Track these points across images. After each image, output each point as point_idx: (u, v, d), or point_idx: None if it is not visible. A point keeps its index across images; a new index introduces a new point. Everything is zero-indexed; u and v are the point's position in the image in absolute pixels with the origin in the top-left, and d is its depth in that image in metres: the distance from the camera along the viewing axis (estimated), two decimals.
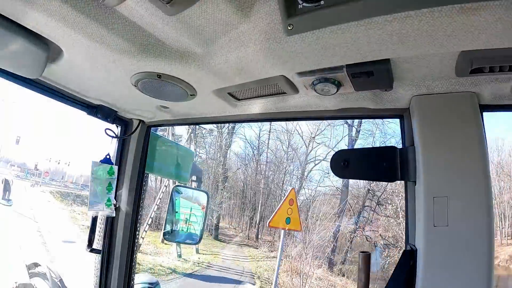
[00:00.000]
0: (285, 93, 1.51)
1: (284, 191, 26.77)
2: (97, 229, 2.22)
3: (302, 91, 1.49)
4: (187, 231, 3.40)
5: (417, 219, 1.43)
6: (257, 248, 24.51)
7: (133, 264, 2.30)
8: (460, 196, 1.32)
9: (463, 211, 1.31)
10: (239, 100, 1.67)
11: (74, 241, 16.03)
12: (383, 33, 1.01)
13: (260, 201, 28.23)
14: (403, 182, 1.55)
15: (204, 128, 27.88)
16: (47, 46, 1.29)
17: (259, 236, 26.89)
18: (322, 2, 0.99)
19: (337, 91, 1.39)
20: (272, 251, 23.34)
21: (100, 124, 2.08)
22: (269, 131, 28.53)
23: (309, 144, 27.11)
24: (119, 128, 2.17)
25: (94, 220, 2.16)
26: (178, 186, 3.11)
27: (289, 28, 1.04)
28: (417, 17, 0.93)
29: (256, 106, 1.76)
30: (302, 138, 27.51)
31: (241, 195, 29.57)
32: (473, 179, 1.32)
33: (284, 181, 27.85)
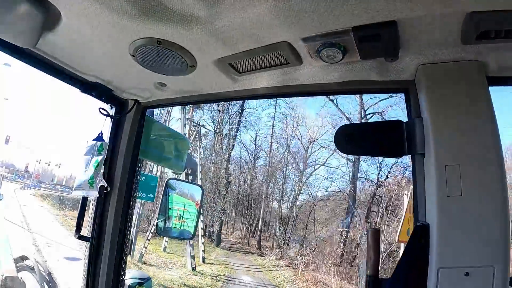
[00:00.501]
0: (288, 63, 1.50)
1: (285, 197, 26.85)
2: (88, 214, 2.16)
3: (306, 61, 1.48)
4: (180, 227, 3.38)
5: (428, 192, 1.41)
6: (263, 256, 24.56)
7: (124, 252, 2.23)
8: (473, 163, 1.31)
9: (476, 179, 1.30)
10: (240, 73, 1.65)
11: (79, 258, 15.30)
12: None
13: (262, 207, 28.11)
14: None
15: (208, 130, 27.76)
16: (44, 8, 1.26)
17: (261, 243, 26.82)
18: None
19: (342, 57, 1.38)
20: (279, 259, 23.27)
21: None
22: (271, 135, 28.55)
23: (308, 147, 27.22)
24: (114, 109, 2.14)
25: (84, 203, 2.10)
26: (171, 179, 3.07)
27: None
28: None
29: (258, 80, 1.74)
30: (302, 143, 27.65)
31: (242, 201, 29.44)
32: (484, 146, 1.32)
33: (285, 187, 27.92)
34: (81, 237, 2.12)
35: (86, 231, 2.18)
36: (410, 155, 1.52)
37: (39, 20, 1.29)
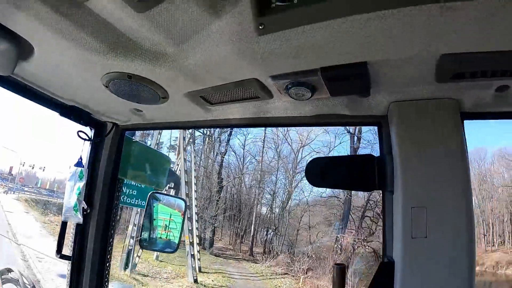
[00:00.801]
0: (259, 97, 1.52)
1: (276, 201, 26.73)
2: (70, 234, 2.21)
3: (276, 96, 1.49)
4: (166, 237, 3.39)
5: (395, 230, 1.42)
6: (258, 263, 23.95)
7: (106, 271, 2.29)
8: (440, 206, 1.32)
9: (442, 222, 1.31)
10: (212, 104, 1.68)
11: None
12: (359, 33, 1.01)
13: (254, 213, 27.85)
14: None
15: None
16: (18, 42, 1.29)
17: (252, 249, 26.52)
18: (295, 1, 0.98)
19: (311, 95, 1.39)
20: (275, 266, 22.78)
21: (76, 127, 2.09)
22: (263, 140, 28.40)
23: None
24: (93, 131, 2.18)
25: (64, 225, 2.16)
26: (155, 193, 3.11)
27: (260, 27, 1.04)
28: (394, 16, 0.92)
29: (230, 111, 1.77)
30: (292, 148, 27.54)
31: (231, 206, 29.10)
32: (453, 189, 1.32)
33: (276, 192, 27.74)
34: (62, 256, 2.17)
35: (68, 249, 2.22)
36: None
37: (14, 52, 1.32)
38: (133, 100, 1.68)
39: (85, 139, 2.11)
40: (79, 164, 2.09)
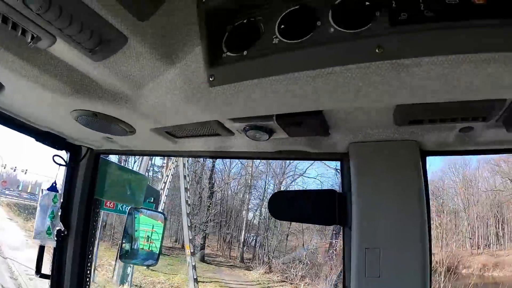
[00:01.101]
0: (220, 134, 1.56)
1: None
2: (49, 254, 2.28)
3: (237, 134, 1.53)
4: (149, 248, 3.42)
5: (352, 267, 1.46)
6: (251, 270, 23.38)
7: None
8: (394, 247, 1.36)
9: (396, 263, 1.35)
10: (177, 138, 1.73)
11: None
12: (310, 87, 1.01)
13: (245, 219, 27.49)
14: None
15: None
16: None
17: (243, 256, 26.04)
18: (245, 53, 1.01)
19: (269, 137, 1.42)
20: (269, 273, 22.32)
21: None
22: None
23: None
24: (68, 154, 2.25)
25: (42, 247, 2.23)
26: (133, 208, 3.16)
27: (210, 79, 1.07)
28: (342, 73, 0.93)
29: (195, 145, 1.83)
30: None
31: (221, 212, 28.68)
32: (408, 230, 1.36)
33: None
34: (42, 276, 2.26)
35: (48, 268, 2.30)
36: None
37: None
38: (102, 132, 1.75)
39: (60, 164, 2.19)
40: (53, 188, 2.17)
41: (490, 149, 1.54)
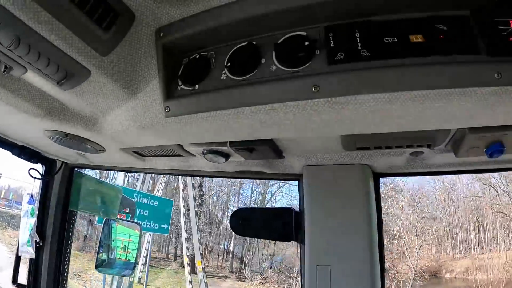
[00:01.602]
0: (183, 155, 1.67)
1: None
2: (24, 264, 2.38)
3: (198, 156, 1.63)
4: (126, 258, 3.44)
5: (305, 283, 1.55)
6: (246, 281, 22.63)
7: None
8: (343, 265, 1.45)
9: (345, 281, 1.44)
10: (145, 156, 1.85)
11: None
12: (257, 120, 1.07)
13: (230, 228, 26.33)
14: None
15: None
16: None
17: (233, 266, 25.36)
18: (197, 87, 1.08)
19: (226, 160, 1.52)
20: (265, 283, 21.51)
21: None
22: None
23: None
24: (44, 167, 2.36)
25: (18, 257, 2.35)
26: (109, 219, 3.21)
27: (166, 110, 1.15)
28: (282, 109, 0.98)
29: (162, 163, 1.95)
30: None
31: (207, 221, 28.08)
32: (358, 249, 1.45)
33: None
34: (18, 286, 2.37)
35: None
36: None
37: None
38: (75, 149, 1.84)
39: (36, 178, 2.29)
40: (30, 201, 2.29)
41: (442, 171, 1.62)
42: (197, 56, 1.12)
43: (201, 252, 15.25)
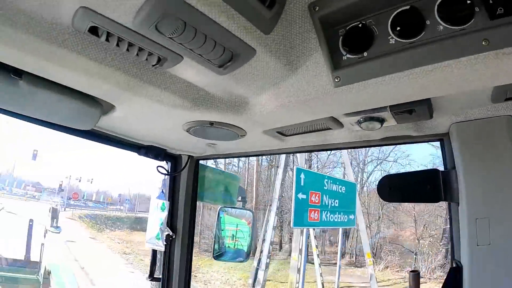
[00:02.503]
0: (331, 129, 1.71)
1: None
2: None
3: (347, 127, 1.67)
4: (234, 247, 3.59)
5: (462, 238, 1.57)
6: (360, 267, 20.77)
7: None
8: (502, 217, 1.46)
9: (504, 231, 1.44)
10: (286, 136, 1.89)
11: None
12: (425, 79, 1.12)
13: None
14: None
15: None
16: (100, 104, 1.50)
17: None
18: (365, 54, 1.11)
19: (380, 126, 1.56)
20: (386, 269, 20.29)
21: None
22: None
23: None
24: (169, 164, 2.49)
25: (154, 252, 2.50)
26: (223, 207, 3.33)
27: (336, 80, 1.18)
28: (451, 65, 1.04)
29: (302, 140, 1.97)
30: None
31: None
32: None
33: None
34: (153, 279, 2.54)
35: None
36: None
37: (96, 112, 1.53)
38: (211, 139, 1.92)
39: (164, 174, 2.43)
40: (161, 196, 2.42)
41: None
42: (357, 25, 1.13)
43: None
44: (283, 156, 14.64)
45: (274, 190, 15.66)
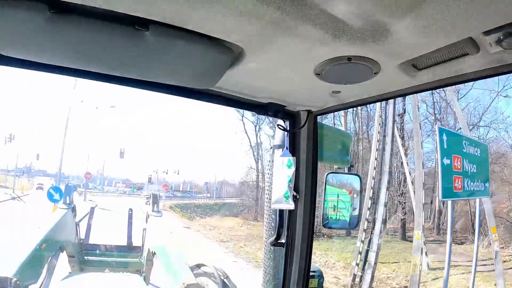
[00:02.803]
0: (467, 54, 1.49)
1: None
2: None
3: (484, 49, 1.46)
4: (336, 218, 3.54)
5: None
6: (463, 244, 20.24)
7: (310, 253, 2.55)
8: None
9: None
10: (419, 70, 1.70)
11: None
12: None
13: None
14: None
15: None
16: (230, 50, 1.44)
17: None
18: None
19: None
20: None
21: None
22: None
23: None
24: (287, 123, 2.44)
25: (281, 213, 2.48)
26: (330, 172, 3.26)
27: None
28: None
29: (433, 73, 1.76)
30: None
31: None
32: None
33: None
34: (277, 244, 2.52)
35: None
36: None
37: (224, 61, 1.50)
38: (339, 83, 1.80)
39: (286, 130, 2.40)
40: (285, 154, 2.38)
41: None
42: None
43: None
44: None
45: (383, 162, 15.05)
